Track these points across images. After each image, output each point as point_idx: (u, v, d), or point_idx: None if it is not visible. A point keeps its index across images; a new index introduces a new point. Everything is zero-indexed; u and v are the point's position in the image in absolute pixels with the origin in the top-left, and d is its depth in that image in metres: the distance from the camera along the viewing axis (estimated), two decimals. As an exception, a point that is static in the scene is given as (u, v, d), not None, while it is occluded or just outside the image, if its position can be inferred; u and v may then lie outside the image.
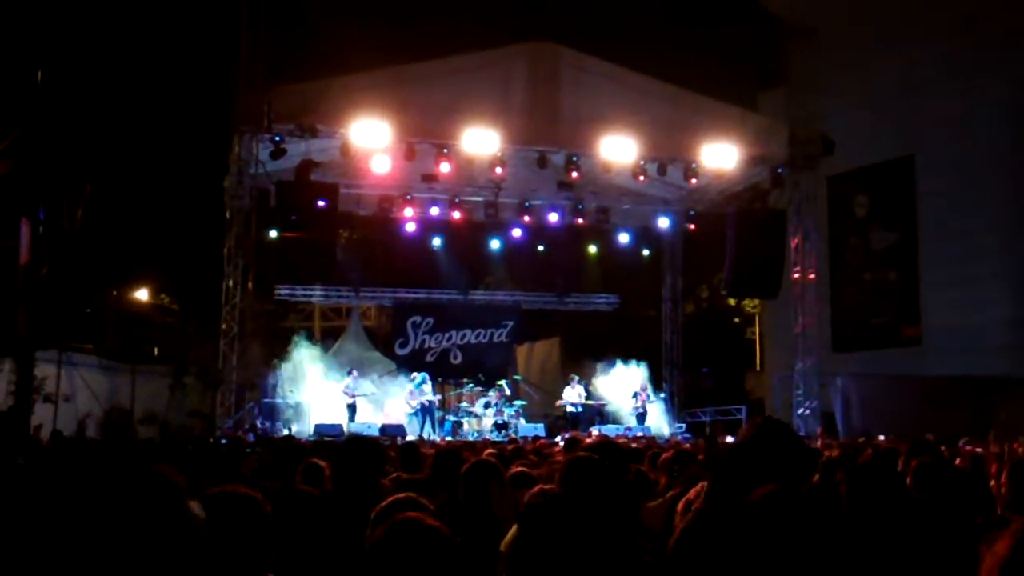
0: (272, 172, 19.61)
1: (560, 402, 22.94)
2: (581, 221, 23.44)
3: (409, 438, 18.47)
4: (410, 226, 23.86)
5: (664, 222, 24.20)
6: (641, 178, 20.70)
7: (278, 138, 18.61)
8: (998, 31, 23.46)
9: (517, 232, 24.33)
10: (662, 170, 20.52)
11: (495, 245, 25.27)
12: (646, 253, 25.84)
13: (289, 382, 21.94)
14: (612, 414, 23.24)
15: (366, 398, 21.99)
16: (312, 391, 21.91)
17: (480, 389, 23.30)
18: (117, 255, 24.22)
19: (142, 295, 29.12)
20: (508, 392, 22.98)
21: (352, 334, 26.61)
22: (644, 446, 11.28)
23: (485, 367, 24.54)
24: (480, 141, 19.09)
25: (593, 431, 20.49)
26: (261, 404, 21.43)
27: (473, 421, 22.22)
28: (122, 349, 24.35)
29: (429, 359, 25.00)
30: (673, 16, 25.90)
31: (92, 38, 21.70)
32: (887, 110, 25.02)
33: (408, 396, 21.98)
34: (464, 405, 23.07)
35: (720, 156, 20.07)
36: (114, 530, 1.96)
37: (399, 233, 24.19)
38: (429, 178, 20.91)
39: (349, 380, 21.77)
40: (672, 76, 20.57)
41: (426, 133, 19.10)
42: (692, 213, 23.81)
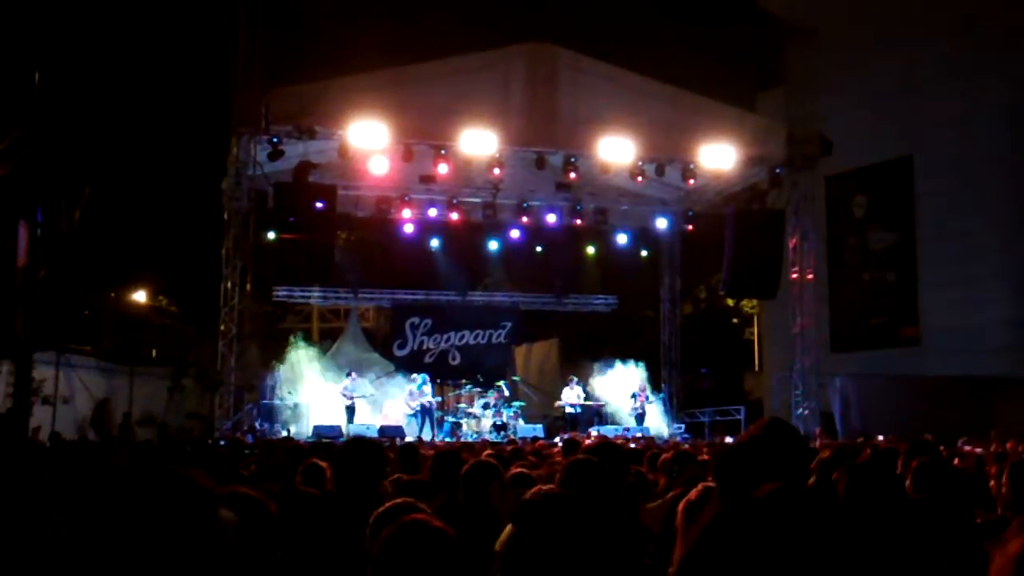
0: (270, 174, 19.59)
1: (559, 403, 22.94)
2: (579, 222, 23.44)
3: (408, 439, 18.46)
4: (408, 227, 23.86)
5: (662, 223, 24.20)
6: (639, 179, 20.69)
7: (276, 139, 18.60)
8: (998, 31, 23.46)
9: (515, 233, 24.32)
10: (660, 171, 20.52)
11: (493, 246, 25.27)
12: (644, 254, 25.82)
13: (287, 383, 21.96)
14: (611, 415, 23.25)
15: (364, 399, 21.99)
16: (310, 392, 21.92)
17: (479, 390, 23.29)
18: (115, 257, 24.19)
19: (140, 297, 29.09)
20: (507, 393, 22.98)
21: (350, 335, 26.61)
22: (643, 447, 11.28)
23: (484, 368, 24.53)
24: (478, 142, 19.09)
25: (592, 432, 20.49)
26: (259, 406, 21.43)
27: (472, 422, 22.21)
28: (120, 351, 24.31)
29: (427, 360, 24.99)
30: (671, 16, 25.91)
31: (90, 40, 21.68)
32: (886, 110, 25.02)
33: (408, 397, 21.98)
34: (463, 406, 23.07)
35: (718, 156, 20.07)
36: (144, 538, 1.89)
37: (397, 234, 24.19)
38: (427, 179, 20.90)
39: (348, 381, 21.78)
40: (670, 77, 20.57)
41: (424, 134, 19.08)
42: (690, 214, 23.81)
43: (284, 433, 19.66)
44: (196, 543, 1.93)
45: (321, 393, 21.93)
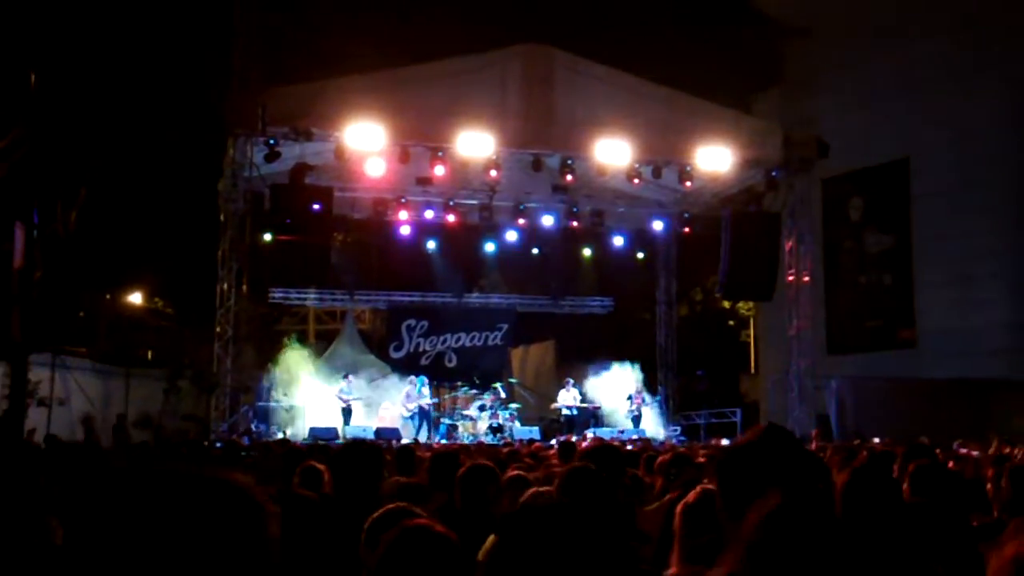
0: (266, 175, 19.55)
1: (555, 405, 22.93)
2: (576, 224, 23.40)
3: (404, 441, 18.45)
4: (404, 229, 23.82)
5: (659, 225, 24.20)
6: (636, 181, 20.68)
7: (272, 141, 18.55)
8: (995, 31, 23.45)
9: (512, 235, 24.30)
10: (657, 173, 20.53)
11: (490, 248, 25.23)
12: (640, 256, 25.80)
13: (283, 385, 21.93)
14: (607, 417, 23.24)
15: (360, 401, 21.97)
16: (306, 394, 21.89)
17: (475, 392, 23.27)
18: (111, 259, 24.16)
19: (136, 298, 29.03)
20: (503, 395, 22.97)
21: (346, 337, 26.58)
22: (639, 449, 11.28)
23: (480, 370, 24.52)
24: (474, 144, 19.08)
25: (587, 434, 20.48)
26: (255, 408, 21.41)
27: (468, 424, 22.20)
28: (116, 353, 24.30)
29: (424, 362, 24.97)
30: (667, 18, 25.91)
31: (86, 41, 21.66)
32: (882, 112, 25.04)
33: (404, 399, 21.97)
34: (459, 408, 23.06)
35: (714, 159, 20.07)
36: (188, 553, 1.68)
37: (393, 236, 24.15)
38: (424, 181, 20.89)
39: (344, 383, 21.76)
40: (666, 78, 20.59)
41: (420, 136, 19.07)
42: (687, 216, 23.81)
43: (280, 435, 19.65)
44: (243, 562, 1.67)
45: (317, 395, 21.91)
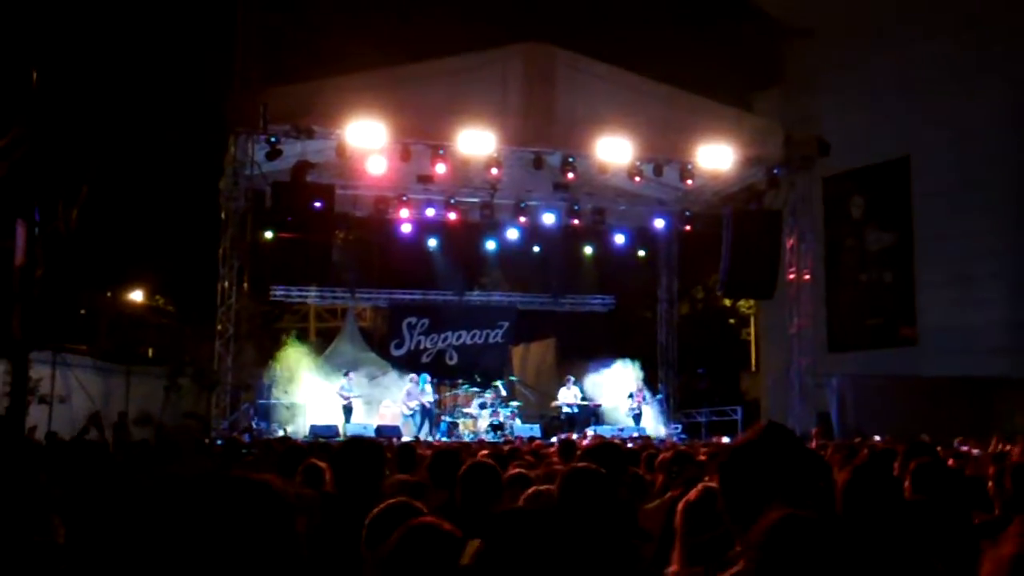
0: (268, 173, 19.56)
1: (555, 403, 22.92)
2: (577, 222, 23.39)
3: (405, 439, 18.46)
4: (406, 227, 23.82)
5: (660, 223, 24.18)
6: (637, 179, 20.68)
7: (274, 139, 18.55)
8: (996, 31, 23.43)
9: (513, 233, 24.30)
10: (658, 171, 20.52)
11: (491, 246, 25.23)
12: (642, 254, 25.79)
13: (284, 383, 21.94)
14: (607, 415, 23.25)
15: (360, 399, 21.98)
16: (307, 392, 21.90)
17: (476, 390, 23.27)
18: (112, 256, 24.16)
19: (137, 296, 29.06)
20: (504, 393, 22.97)
21: (347, 335, 26.56)
22: (640, 447, 11.28)
23: (481, 368, 24.52)
24: (476, 142, 19.08)
25: (588, 432, 20.49)
26: (256, 405, 21.40)
27: (469, 422, 22.20)
28: (117, 350, 24.29)
29: (424, 360, 24.96)
30: (668, 16, 25.91)
31: (87, 39, 21.66)
32: (883, 110, 25.04)
33: (405, 397, 21.98)
34: (459, 406, 23.06)
35: (716, 157, 20.08)
36: (217, 555, 1.68)
37: (395, 234, 24.14)
38: (425, 179, 20.88)
39: (344, 381, 21.77)
40: (668, 77, 20.59)
41: (422, 134, 19.07)
42: (688, 214, 23.79)
43: (281, 433, 19.65)
44: (272, 562, 1.71)
45: (318, 393, 21.92)
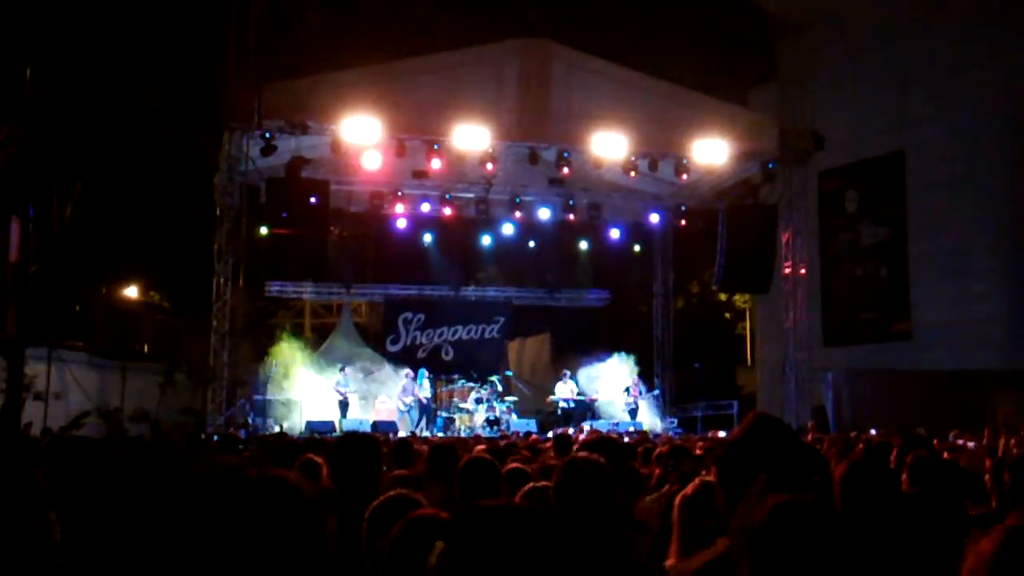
0: (262, 169, 19.55)
1: (552, 398, 22.93)
2: (572, 217, 23.39)
3: (401, 434, 18.46)
4: (401, 222, 23.80)
5: (655, 218, 24.19)
6: (632, 174, 20.67)
7: (268, 135, 18.55)
8: (992, 27, 23.42)
9: (508, 228, 24.31)
10: (653, 166, 20.53)
11: (486, 241, 25.25)
12: (637, 249, 25.81)
13: (280, 379, 21.91)
14: (604, 409, 23.27)
15: (356, 394, 21.98)
16: (303, 388, 21.89)
17: (472, 385, 23.28)
18: (107, 252, 24.10)
19: (132, 292, 28.99)
20: (500, 388, 22.99)
21: (343, 331, 26.55)
22: (636, 441, 11.31)
23: (477, 363, 24.52)
24: (471, 137, 19.06)
25: (584, 426, 20.52)
26: (252, 401, 21.40)
27: (465, 417, 22.21)
28: (112, 346, 24.26)
29: (420, 355, 24.95)
30: (664, 11, 25.88)
31: (81, 34, 21.59)
32: (878, 105, 25.04)
33: (401, 393, 21.98)
34: (456, 401, 23.06)
35: (711, 151, 20.08)
36: (246, 548, 1.70)
37: (390, 230, 24.12)
38: (420, 174, 20.88)
39: (340, 376, 21.76)
40: (663, 72, 20.58)
41: (417, 129, 19.06)
42: (683, 208, 23.77)
43: (277, 428, 19.65)
44: (303, 561, 1.71)
45: (314, 388, 21.91)
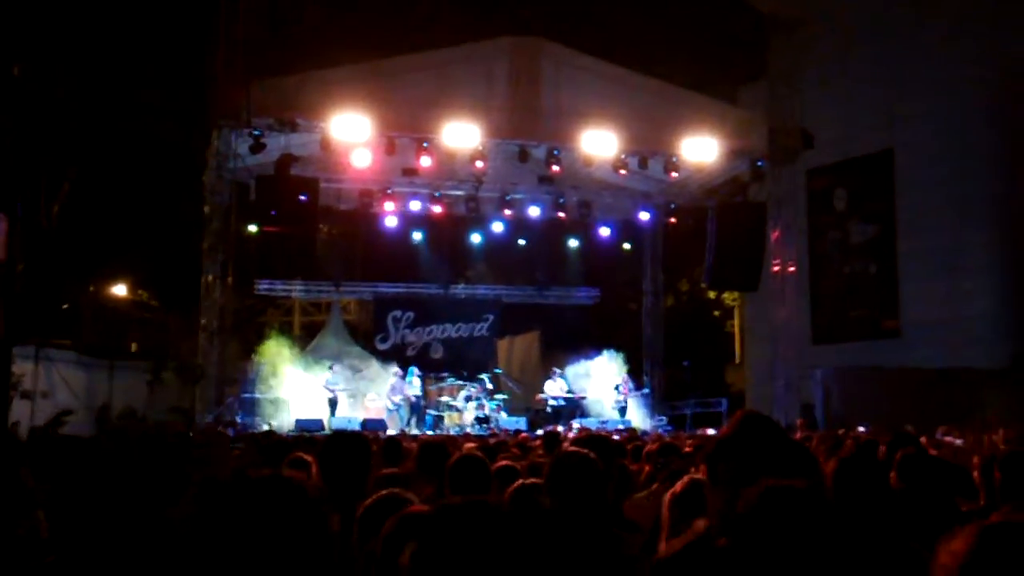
0: (251, 166, 19.50)
1: (541, 395, 22.93)
2: (562, 215, 23.40)
3: (390, 432, 18.45)
4: (390, 220, 23.77)
5: (645, 215, 24.22)
6: (622, 172, 20.68)
7: (257, 132, 18.47)
8: (980, 24, 23.49)
9: (498, 226, 24.31)
10: (643, 163, 20.56)
11: (476, 239, 25.24)
12: (627, 246, 25.85)
13: (269, 377, 21.87)
14: (592, 407, 23.28)
15: (345, 392, 21.94)
16: (292, 386, 21.85)
17: (461, 383, 23.27)
18: (95, 250, 24.02)
19: (120, 290, 28.90)
20: (489, 386, 22.98)
21: (332, 328, 26.50)
22: (625, 439, 11.31)
23: (466, 361, 24.51)
24: (460, 135, 19.04)
25: (573, 424, 20.53)
26: (241, 399, 21.35)
27: (454, 415, 22.20)
28: (100, 345, 24.19)
29: (410, 354, 24.93)
30: (654, 9, 25.90)
31: (70, 32, 21.50)
32: (867, 103, 25.11)
33: (390, 391, 21.95)
34: (445, 399, 23.04)
35: (700, 149, 20.10)
36: (253, 549, 1.72)
37: (379, 227, 24.09)
38: (410, 172, 20.84)
39: (330, 375, 21.72)
40: (653, 69, 20.59)
41: (406, 127, 19.02)
42: (673, 206, 23.83)
43: (265, 427, 19.61)
44: (307, 559, 1.73)
45: (302, 387, 21.87)
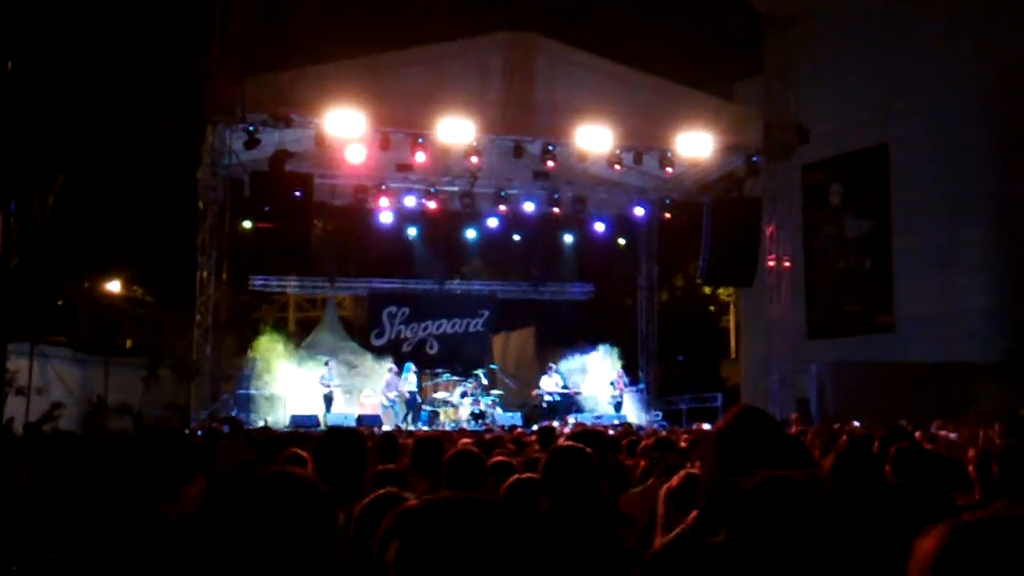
0: (246, 162, 19.46)
1: (537, 391, 22.94)
2: (557, 210, 23.40)
3: (386, 428, 18.44)
4: (385, 216, 23.75)
5: (640, 211, 24.22)
6: (617, 167, 20.69)
7: (251, 128, 18.45)
8: (978, 20, 23.48)
9: (493, 222, 24.29)
10: (638, 159, 20.54)
11: (471, 235, 25.24)
12: (622, 242, 25.88)
13: (264, 373, 21.86)
14: (588, 402, 23.30)
15: (341, 388, 21.94)
16: (287, 382, 21.84)
17: (456, 379, 23.28)
18: (89, 246, 23.97)
19: (115, 287, 28.82)
20: (484, 381, 22.98)
21: (327, 324, 26.49)
22: (621, 434, 11.31)
23: (462, 357, 24.52)
24: (455, 130, 19.01)
25: (569, 419, 20.54)
26: (236, 396, 21.34)
27: (450, 411, 22.20)
28: (95, 341, 24.11)
29: (405, 349, 24.93)
30: (648, 4, 25.88)
31: (64, 27, 21.43)
32: (861, 99, 25.11)
33: (385, 388, 21.95)
34: (440, 395, 23.04)
35: (695, 145, 20.09)
36: (256, 545, 1.77)
37: (374, 223, 24.07)
38: (404, 168, 20.83)
39: (325, 370, 21.71)
40: (648, 65, 20.57)
41: (401, 122, 18.99)
42: (668, 202, 23.81)
43: (261, 423, 19.59)
44: (313, 553, 1.77)
45: (298, 383, 21.86)
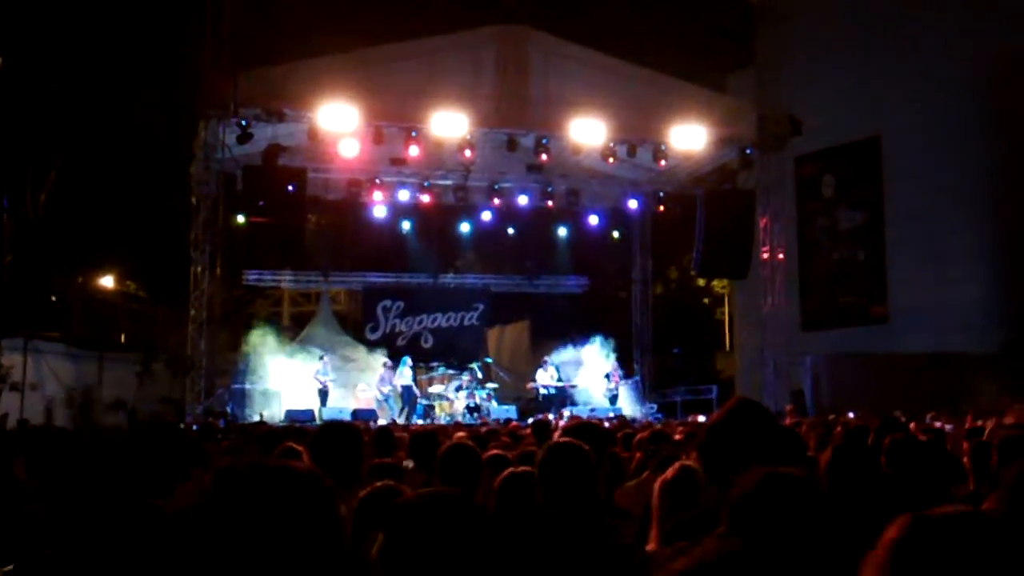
0: (239, 157, 19.42)
1: (532, 384, 22.94)
2: (551, 203, 23.39)
3: (381, 422, 18.44)
4: (379, 210, 23.70)
5: (634, 204, 24.22)
6: (611, 160, 20.66)
7: (244, 122, 18.39)
8: (970, 11, 23.51)
9: (487, 215, 24.28)
10: (631, 152, 20.54)
11: (465, 228, 25.21)
12: (616, 235, 25.89)
13: (258, 368, 21.83)
14: (583, 396, 23.32)
15: (336, 382, 21.93)
16: (282, 377, 21.81)
17: (451, 372, 23.27)
18: (83, 242, 23.92)
19: (108, 282, 28.77)
20: (479, 375, 22.98)
21: (322, 319, 26.45)
22: (616, 427, 11.33)
23: (456, 350, 24.51)
24: (449, 124, 18.99)
25: (564, 412, 20.56)
26: (231, 390, 21.31)
27: (445, 404, 22.21)
28: (89, 336, 24.08)
29: (400, 343, 24.91)
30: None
31: (56, 24, 21.37)
32: (854, 90, 25.13)
33: (379, 382, 21.94)
34: (436, 389, 23.04)
35: (689, 137, 20.09)
36: (264, 538, 1.77)
37: (368, 217, 24.02)
38: (398, 162, 20.80)
39: (320, 365, 21.70)
40: (641, 58, 20.57)
41: (394, 116, 18.97)
42: (661, 194, 23.78)
43: (256, 418, 19.58)
44: (315, 546, 1.78)
45: (293, 377, 21.84)
